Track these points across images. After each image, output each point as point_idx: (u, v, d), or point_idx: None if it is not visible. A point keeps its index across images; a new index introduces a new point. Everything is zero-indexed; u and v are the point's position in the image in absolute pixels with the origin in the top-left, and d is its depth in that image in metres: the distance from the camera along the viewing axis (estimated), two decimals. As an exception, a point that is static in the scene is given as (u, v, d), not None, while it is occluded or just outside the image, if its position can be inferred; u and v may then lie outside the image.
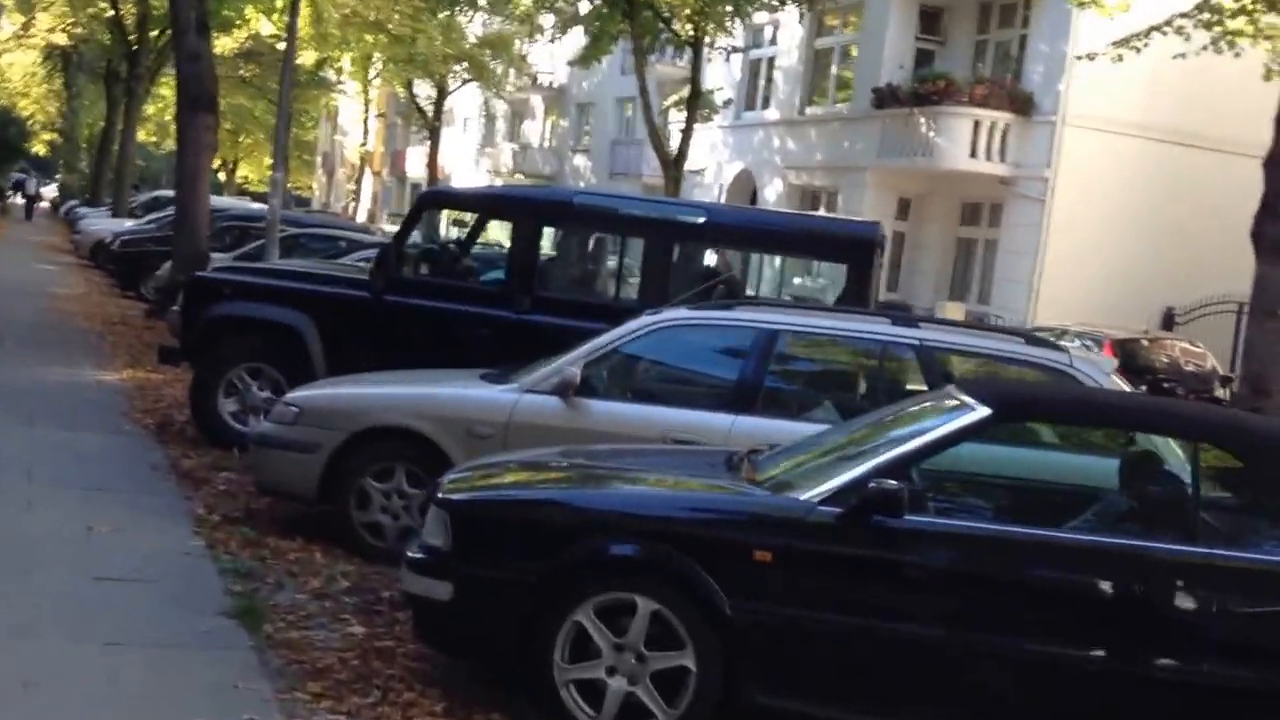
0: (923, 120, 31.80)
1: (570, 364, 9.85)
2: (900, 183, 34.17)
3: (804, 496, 6.82)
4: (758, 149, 40.19)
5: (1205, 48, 18.31)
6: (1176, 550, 6.67)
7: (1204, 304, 29.45)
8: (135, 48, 48.19)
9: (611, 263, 14.35)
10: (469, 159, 67.94)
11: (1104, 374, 9.52)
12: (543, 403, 9.81)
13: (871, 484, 6.59)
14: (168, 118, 79.12)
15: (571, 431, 9.64)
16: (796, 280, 30.06)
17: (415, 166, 74.45)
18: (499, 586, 7.05)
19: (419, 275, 13.57)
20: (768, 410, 9.64)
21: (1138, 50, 18.62)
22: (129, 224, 38.60)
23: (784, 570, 6.73)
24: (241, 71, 60.09)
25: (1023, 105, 31.31)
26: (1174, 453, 7.29)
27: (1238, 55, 17.79)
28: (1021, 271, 30.78)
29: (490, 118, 67.36)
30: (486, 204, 14.47)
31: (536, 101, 62.29)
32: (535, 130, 63.13)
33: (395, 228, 42.99)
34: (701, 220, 12.73)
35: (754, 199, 40.33)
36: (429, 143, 57.84)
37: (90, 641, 7.52)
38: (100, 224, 41.31)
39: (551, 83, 59.37)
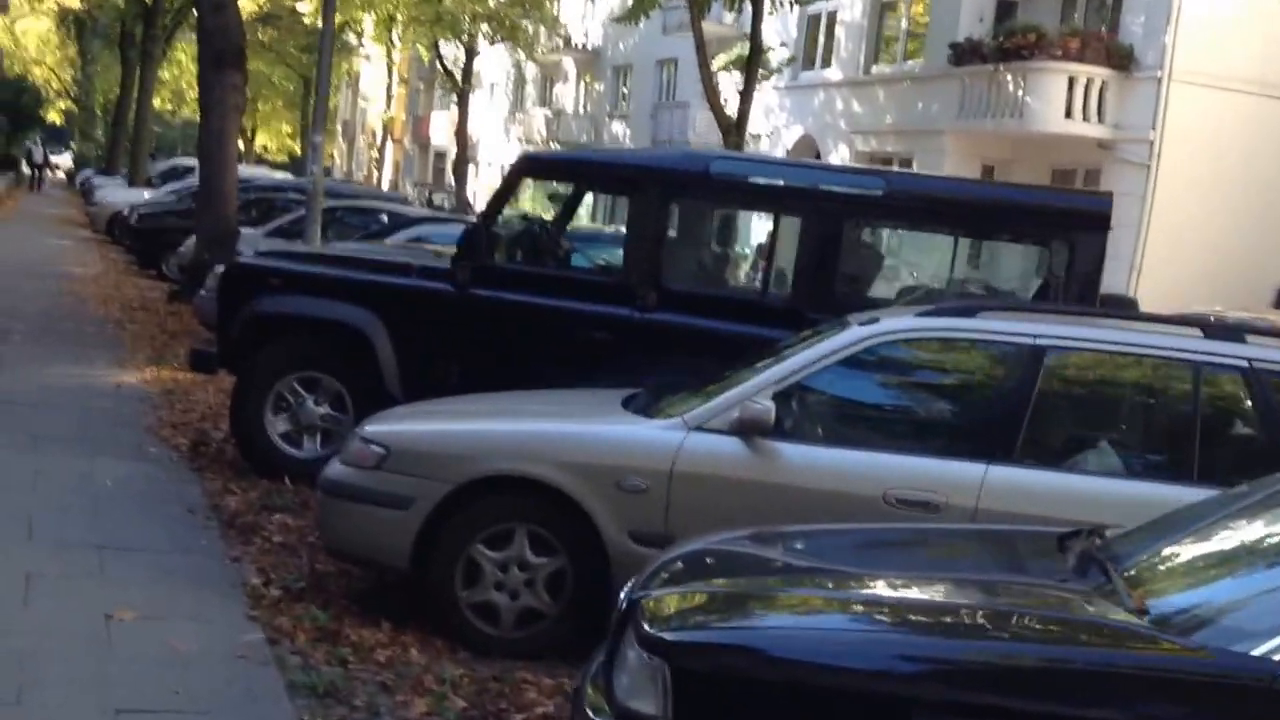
0: (1009, 77, 29.04)
1: (755, 392, 7.23)
2: (983, 147, 31.20)
3: (1259, 650, 4.10)
4: (819, 111, 37.34)
5: None
6: None
7: (1327, 280, 26.66)
8: (150, 6, 45.57)
9: (759, 246, 11.48)
10: (498, 125, 65.09)
11: None
12: (719, 445, 7.21)
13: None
14: (184, 84, 77.22)
15: (757, 486, 7.11)
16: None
17: (439, 134, 71.97)
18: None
19: (514, 263, 10.85)
20: (1031, 457, 7.00)
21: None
22: (147, 195, 36.17)
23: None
24: (260, 35, 57.33)
25: (1123, 60, 28.37)
26: None
27: None
28: (1121, 246, 27.70)
29: (520, 82, 64.54)
30: (600, 172, 11.63)
31: (569, 64, 59.35)
32: (568, 95, 60.27)
33: (423, 197, 40.09)
34: (880, 191, 10.03)
35: (813, 165, 37.67)
36: (456, 108, 55.14)
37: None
38: (116, 195, 38.69)
39: (585, 44, 56.50)
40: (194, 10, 45.89)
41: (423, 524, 7.45)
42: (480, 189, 56.90)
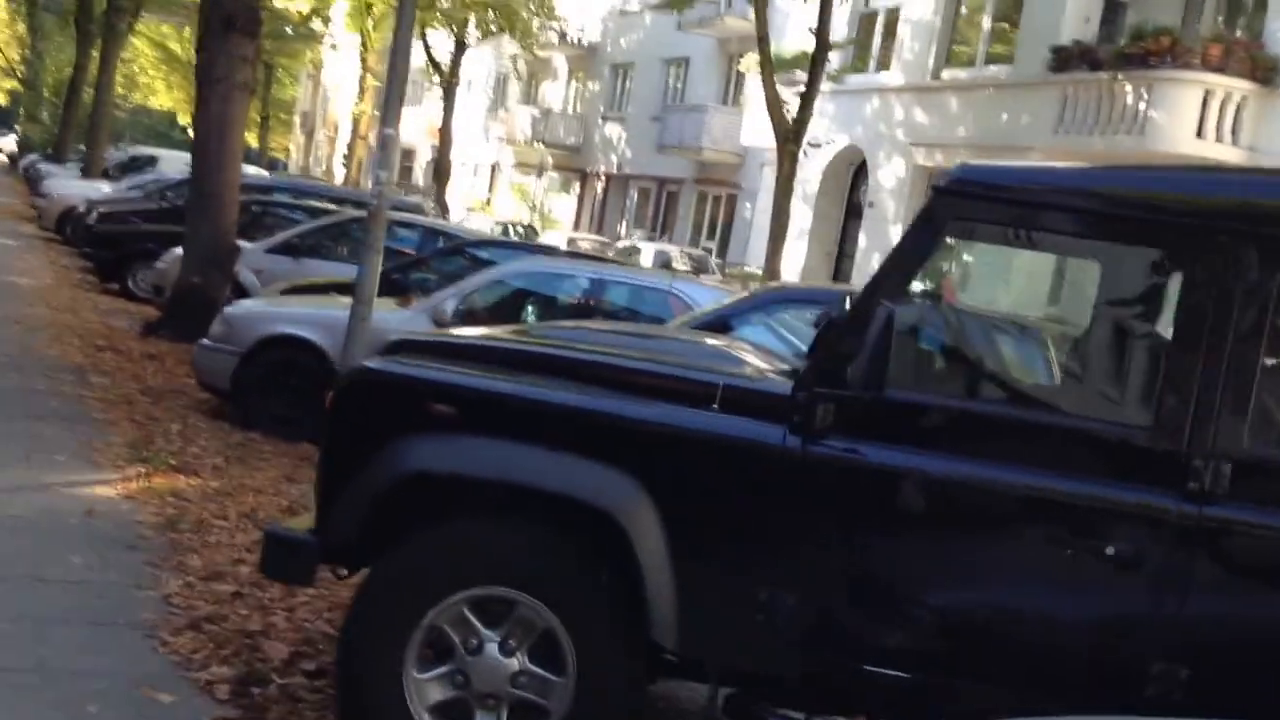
0: (1129, 88, 23.92)
1: None
2: (1081, 167, 26.05)
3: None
4: (870, 120, 31.83)
5: None
6: None
7: None
8: (117, -24, 39.98)
9: None
10: (475, 124, 59.15)
11: None
12: None
13: None
14: (136, 69, 71.29)
15: None
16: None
17: (409, 131, 66.31)
18: None
19: (924, 391, 5.08)
20: None
21: None
22: (105, 188, 30.50)
23: None
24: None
25: (1266, 73, 23.60)
26: None
27: None
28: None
29: (503, 78, 58.79)
30: (1117, 209, 5.06)
31: (560, 61, 53.76)
32: (557, 94, 54.72)
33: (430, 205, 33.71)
34: None
35: (856, 181, 32.34)
36: (431, 103, 49.72)
37: None
38: (69, 186, 32.73)
39: (580, 39, 50.85)
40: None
41: None
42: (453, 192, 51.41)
